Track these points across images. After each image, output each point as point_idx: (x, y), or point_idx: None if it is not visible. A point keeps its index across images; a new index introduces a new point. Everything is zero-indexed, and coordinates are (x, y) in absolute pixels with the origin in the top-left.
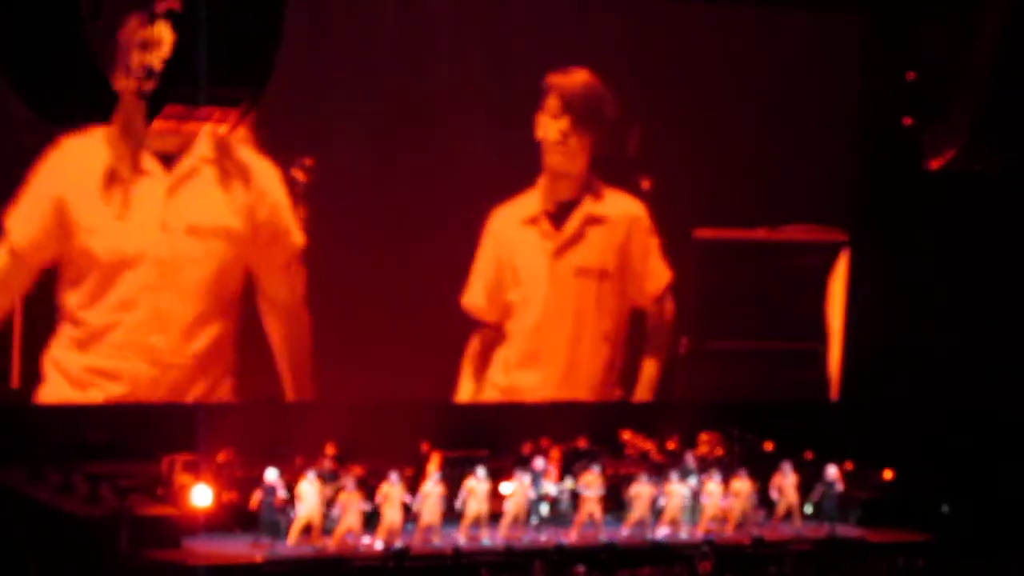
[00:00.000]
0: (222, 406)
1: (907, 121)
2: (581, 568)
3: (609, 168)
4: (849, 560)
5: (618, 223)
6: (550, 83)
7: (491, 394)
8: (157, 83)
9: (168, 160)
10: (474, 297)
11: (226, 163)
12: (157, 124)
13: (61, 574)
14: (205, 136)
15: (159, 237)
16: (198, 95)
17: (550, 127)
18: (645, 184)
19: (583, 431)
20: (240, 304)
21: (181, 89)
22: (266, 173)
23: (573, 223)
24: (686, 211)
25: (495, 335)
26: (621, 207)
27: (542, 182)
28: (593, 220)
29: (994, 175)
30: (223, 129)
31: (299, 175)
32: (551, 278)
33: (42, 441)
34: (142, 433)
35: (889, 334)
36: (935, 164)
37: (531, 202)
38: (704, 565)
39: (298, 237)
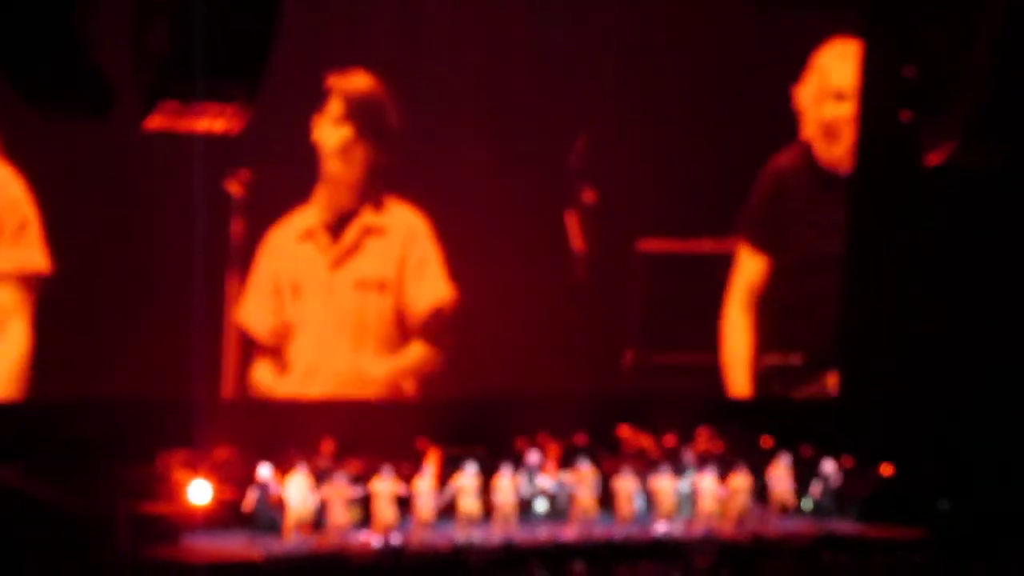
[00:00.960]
0: (221, 403)
1: (906, 116)
2: (580, 566)
3: (389, 178)
4: (847, 556)
5: (396, 234)
6: (331, 86)
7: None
8: (152, 78)
9: None
10: (250, 315)
11: None
12: (153, 121)
13: (59, 572)
14: None
15: None
16: (194, 91)
17: (330, 134)
18: (589, 196)
19: (582, 427)
20: None
21: (177, 84)
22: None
23: (351, 234)
24: (631, 222)
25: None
26: (400, 217)
27: (320, 192)
28: (371, 231)
29: (993, 171)
30: (219, 126)
31: (235, 188)
32: (329, 291)
33: (40, 438)
34: (141, 430)
35: (888, 330)
36: (934, 160)
37: (308, 215)
38: (702, 560)
39: None
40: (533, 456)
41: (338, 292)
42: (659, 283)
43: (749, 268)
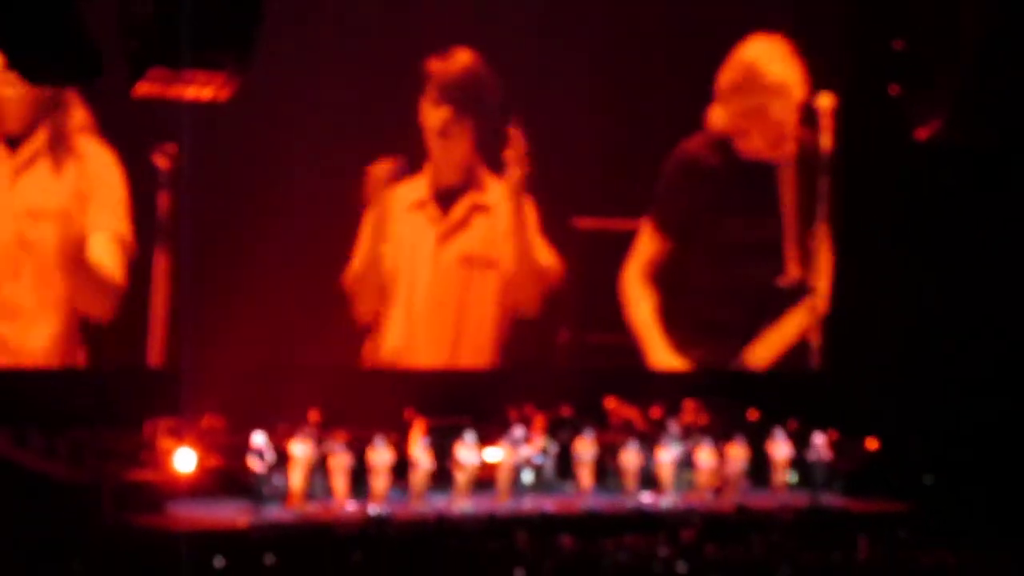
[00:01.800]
0: (206, 371)
1: (894, 91)
2: (565, 537)
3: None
4: (832, 530)
5: (502, 212)
6: (430, 70)
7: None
8: (140, 45)
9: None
10: (355, 277)
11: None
12: (141, 87)
13: (44, 540)
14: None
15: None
16: (182, 58)
17: (430, 115)
18: (524, 172)
19: (568, 399)
20: None
21: (165, 52)
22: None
23: (459, 210)
24: (567, 200)
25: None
26: (504, 195)
27: (428, 168)
28: (479, 208)
29: (981, 146)
30: (207, 93)
31: (161, 161)
32: (435, 264)
33: (25, 405)
34: (125, 398)
35: (874, 304)
36: (922, 135)
37: (418, 187)
38: (687, 533)
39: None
40: (519, 428)
41: (444, 265)
42: (595, 262)
43: (648, 247)
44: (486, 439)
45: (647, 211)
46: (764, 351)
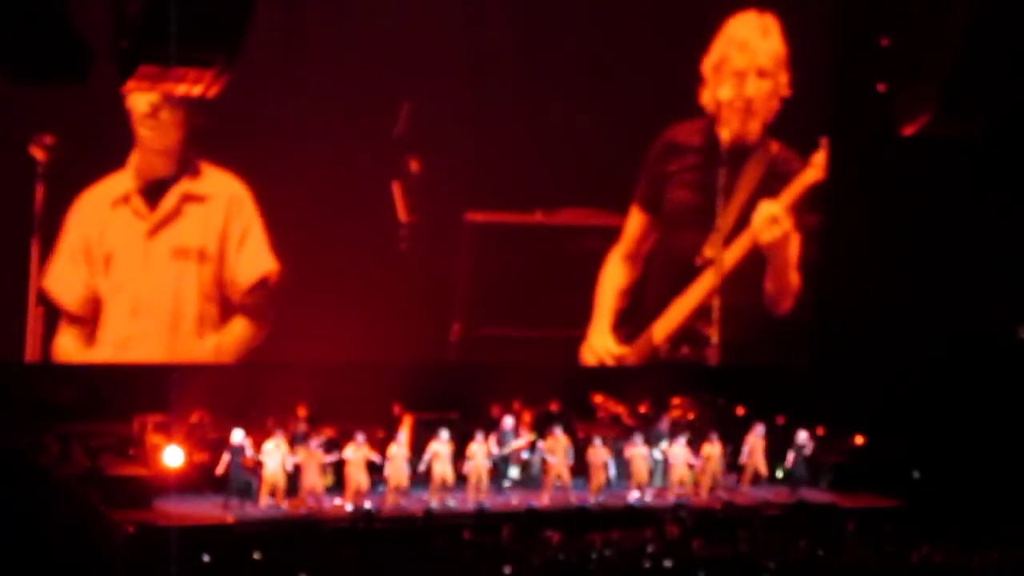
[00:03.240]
0: (194, 367)
1: (881, 87)
2: (553, 533)
3: (206, 141)
4: (819, 524)
5: (218, 202)
6: None
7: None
8: (130, 43)
9: None
10: (57, 283)
11: None
12: (131, 84)
13: (34, 534)
14: None
15: None
16: (172, 56)
17: (138, 99)
18: (414, 165)
19: (555, 394)
20: None
21: (154, 50)
22: None
23: (169, 201)
24: (459, 193)
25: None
26: (221, 185)
27: (134, 159)
28: (191, 198)
29: (966, 141)
30: (197, 90)
31: (38, 153)
32: (145, 260)
33: (12, 401)
34: (114, 393)
35: (860, 300)
36: (908, 130)
37: (122, 181)
38: (672, 528)
39: None
40: (507, 423)
41: (155, 261)
42: (487, 255)
43: (633, 225)
44: (472, 434)
45: (634, 193)
46: (664, 325)
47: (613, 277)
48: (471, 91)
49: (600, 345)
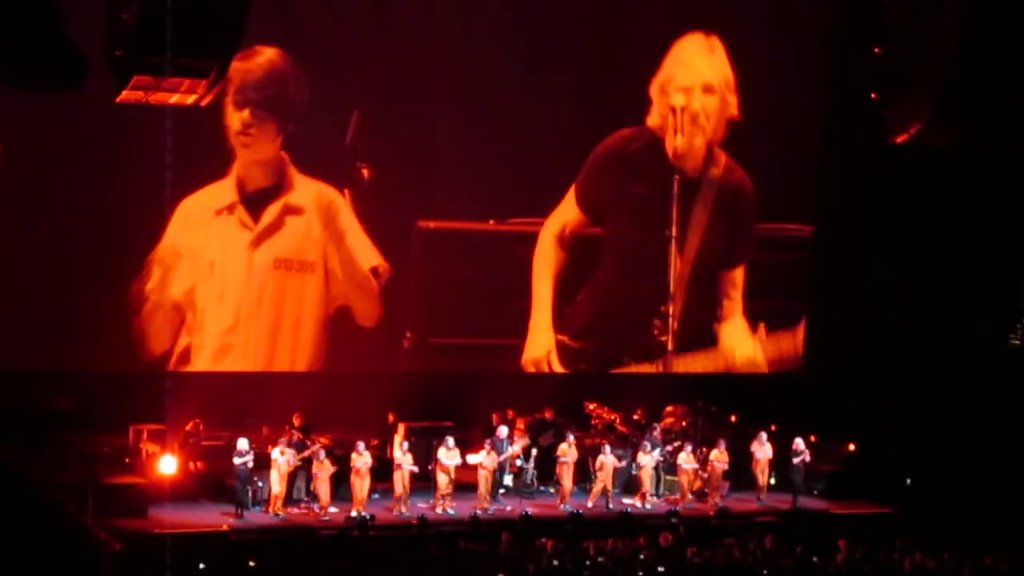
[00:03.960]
0: (189, 376)
1: (873, 96)
2: (548, 541)
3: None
4: (812, 531)
5: (315, 213)
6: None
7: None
8: (125, 52)
9: None
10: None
11: None
12: (126, 94)
13: (29, 542)
14: None
15: None
16: (166, 66)
17: (232, 117)
18: (364, 173)
19: (549, 402)
20: None
21: (148, 59)
22: None
23: (271, 213)
24: (411, 200)
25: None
26: (317, 195)
27: (235, 170)
28: (291, 210)
29: (958, 150)
30: (191, 100)
31: None
32: (248, 270)
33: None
34: (109, 402)
35: (852, 308)
36: (900, 139)
37: (224, 191)
38: (666, 536)
39: None
40: (502, 431)
41: (257, 271)
42: (439, 263)
43: (568, 214)
44: (468, 442)
45: (575, 181)
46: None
47: (543, 254)
48: (422, 99)
49: (543, 341)
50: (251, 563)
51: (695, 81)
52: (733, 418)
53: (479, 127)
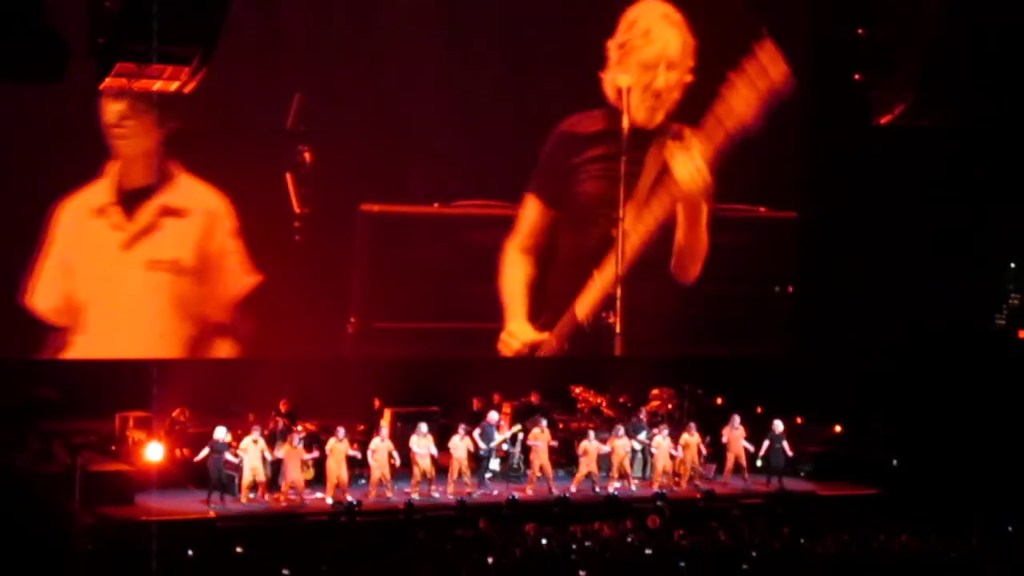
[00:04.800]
0: (175, 363)
1: (857, 77)
2: (534, 525)
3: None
4: (799, 513)
5: (196, 216)
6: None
7: None
8: (108, 40)
9: None
10: (43, 298)
11: None
12: (109, 82)
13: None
14: None
15: None
16: (149, 53)
17: (108, 110)
18: (306, 156)
19: (534, 387)
20: None
21: (131, 46)
22: None
23: (146, 213)
24: (354, 183)
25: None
26: (200, 199)
27: (111, 169)
28: (169, 211)
29: (941, 130)
30: (174, 87)
31: None
32: (122, 272)
33: None
34: (95, 390)
35: (837, 289)
36: (884, 120)
37: (100, 191)
38: (653, 519)
39: None
40: (491, 417)
41: (130, 272)
42: (383, 247)
43: (530, 216)
44: (452, 427)
45: (529, 184)
46: (583, 305)
47: (516, 271)
48: (364, 81)
49: (520, 332)
50: (238, 549)
51: (659, 56)
52: (719, 401)
53: (422, 109)
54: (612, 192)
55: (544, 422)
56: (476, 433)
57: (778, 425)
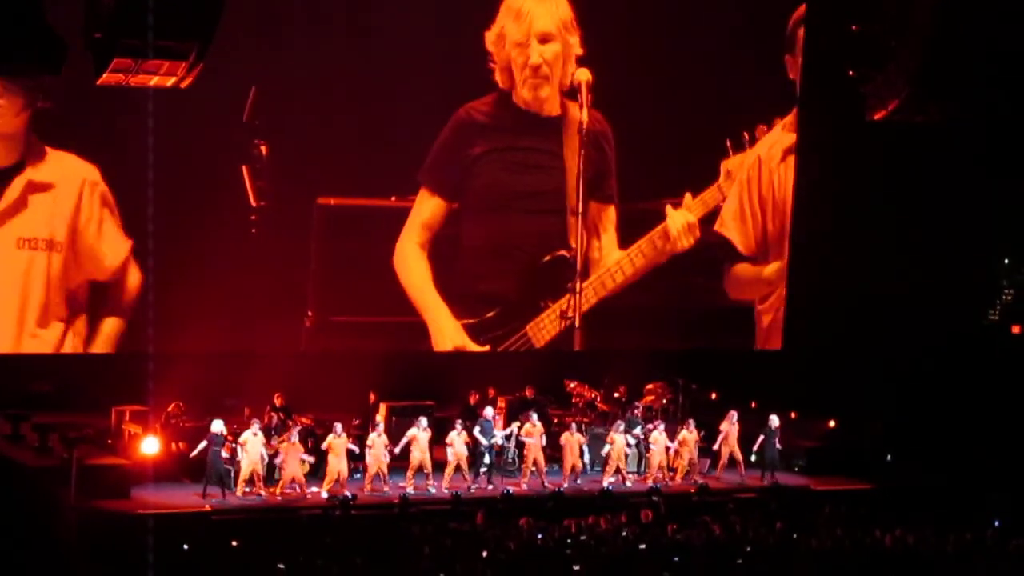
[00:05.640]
0: (171, 357)
1: (851, 72)
2: (528, 519)
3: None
4: (793, 508)
5: (66, 189)
6: None
7: None
8: (104, 35)
9: None
10: None
11: None
12: (106, 76)
13: (11, 524)
14: None
15: None
16: (146, 48)
17: None
18: (262, 149)
19: (529, 381)
20: None
21: (128, 41)
22: None
23: (14, 190)
24: (310, 178)
25: None
26: (70, 171)
27: None
28: (36, 187)
29: (935, 125)
30: (170, 83)
31: None
32: None
33: None
34: (91, 384)
35: (832, 285)
36: (877, 115)
37: None
38: (646, 513)
39: None
40: (488, 412)
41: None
42: (339, 240)
43: (426, 210)
44: (448, 422)
45: (421, 177)
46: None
47: (416, 269)
48: (321, 74)
49: (451, 330)
50: (234, 543)
51: (526, 33)
52: (713, 395)
53: (378, 103)
54: (518, 181)
55: (535, 416)
56: (476, 430)
57: (774, 420)
